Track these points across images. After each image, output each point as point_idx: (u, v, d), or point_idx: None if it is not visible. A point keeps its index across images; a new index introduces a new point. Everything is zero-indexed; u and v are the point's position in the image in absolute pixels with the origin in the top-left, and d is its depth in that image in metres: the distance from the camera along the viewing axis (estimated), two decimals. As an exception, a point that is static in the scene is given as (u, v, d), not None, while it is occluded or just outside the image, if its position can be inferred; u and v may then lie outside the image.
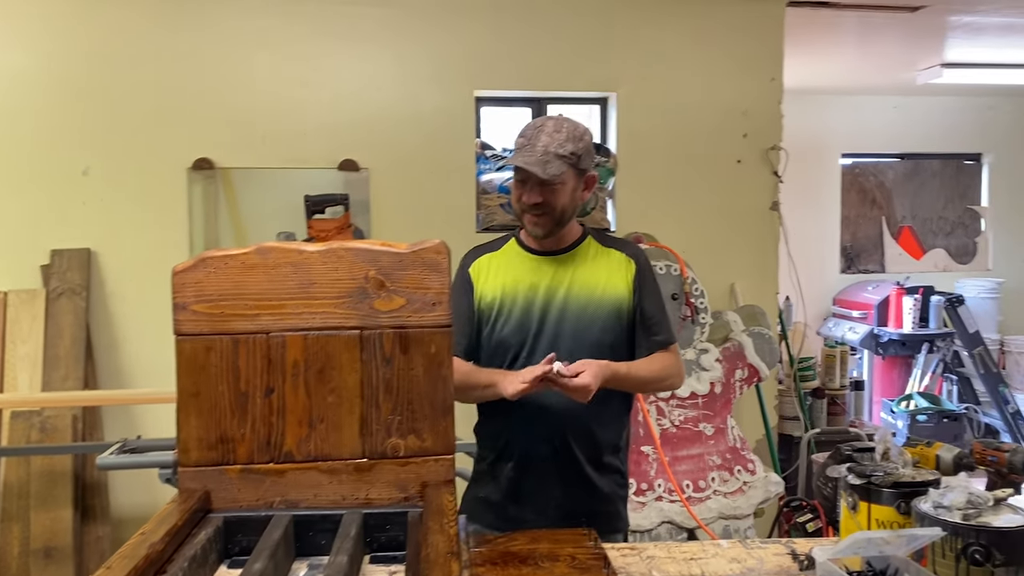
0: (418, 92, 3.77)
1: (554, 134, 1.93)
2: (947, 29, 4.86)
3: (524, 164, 1.91)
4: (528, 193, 1.96)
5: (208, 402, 1.58)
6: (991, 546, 1.24)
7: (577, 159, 1.95)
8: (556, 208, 1.96)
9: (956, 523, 1.26)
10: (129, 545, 1.26)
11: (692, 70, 3.96)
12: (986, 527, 1.25)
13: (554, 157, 1.91)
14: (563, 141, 1.93)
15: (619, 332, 2.02)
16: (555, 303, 2.01)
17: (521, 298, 2.02)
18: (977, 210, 7.26)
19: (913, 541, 1.28)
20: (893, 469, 1.45)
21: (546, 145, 1.92)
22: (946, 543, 1.27)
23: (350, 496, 1.61)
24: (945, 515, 1.29)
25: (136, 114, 3.61)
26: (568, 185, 1.96)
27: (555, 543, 1.65)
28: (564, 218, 2.00)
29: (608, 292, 2.02)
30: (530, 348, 2.00)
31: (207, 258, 1.60)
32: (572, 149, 1.93)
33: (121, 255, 3.61)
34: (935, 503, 1.32)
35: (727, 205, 3.97)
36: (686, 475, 3.39)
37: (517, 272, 2.05)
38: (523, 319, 2.00)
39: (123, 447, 3.02)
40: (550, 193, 1.95)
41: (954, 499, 1.29)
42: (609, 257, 2.06)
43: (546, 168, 1.91)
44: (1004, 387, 6.02)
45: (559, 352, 1.97)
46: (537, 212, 1.97)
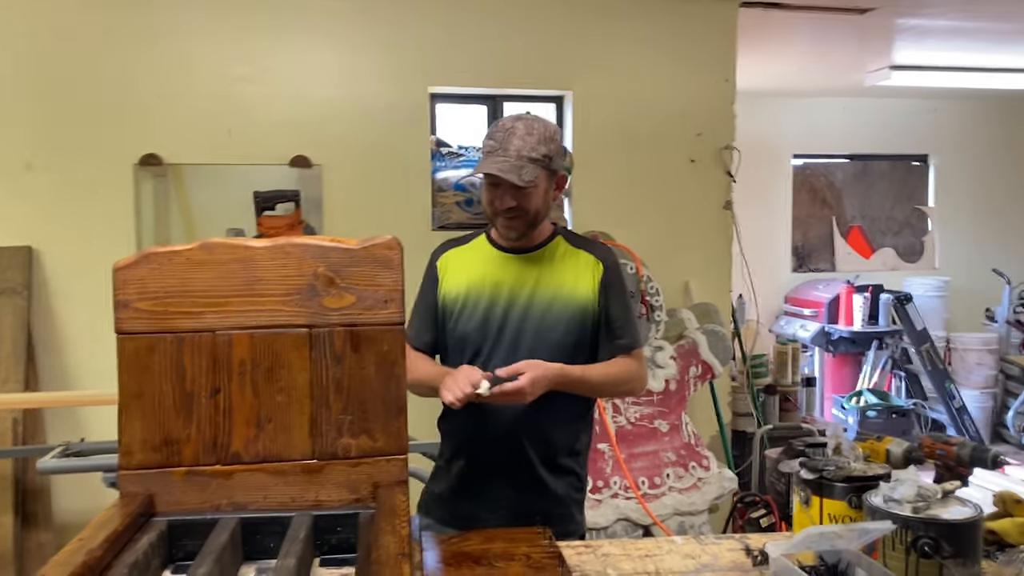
0: (372, 88, 3.73)
1: (526, 137, 1.90)
2: (895, 32, 4.96)
3: (499, 172, 1.87)
4: (501, 199, 1.92)
5: (152, 403, 1.53)
6: (940, 538, 1.25)
7: (549, 160, 1.92)
8: (530, 211, 1.94)
9: (906, 516, 1.27)
10: (65, 551, 1.22)
11: (647, 69, 3.98)
12: (935, 520, 1.27)
13: (527, 161, 1.88)
14: (535, 144, 1.90)
15: (583, 334, 2.00)
16: (519, 301, 1.98)
17: (486, 295, 2.00)
18: (924, 210, 7.42)
19: (864, 535, 1.29)
20: (845, 463, 1.46)
21: (519, 149, 1.88)
22: (896, 536, 1.28)
23: (300, 498, 1.57)
24: (895, 508, 1.30)
25: (81, 108, 3.51)
26: (541, 187, 1.93)
27: (510, 542, 1.63)
28: (538, 220, 1.98)
29: (574, 293, 1.99)
30: (492, 345, 1.98)
31: (150, 254, 1.56)
32: (544, 151, 1.90)
33: (64, 253, 3.51)
34: (886, 497, 1.33)
35: (681, 204, 3.99)
36: (641, 472, 3.40)
37: (484, 268, 2.03)
38: (486, 316, 1.98)
39: (66, 450, 2.93)
40: (523, 197, 1.92)
41: (904, 492, 1.30)
42: (577, 258, 2.04)
43: (521, 174, 1.87)
44: (950, 383, 6.16)
45: (519, 352, 1.95)
46: (510, 216, 1.94)
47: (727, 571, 1.55)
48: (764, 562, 1.57)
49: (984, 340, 6.55)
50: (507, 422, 1.95)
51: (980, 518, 1.28)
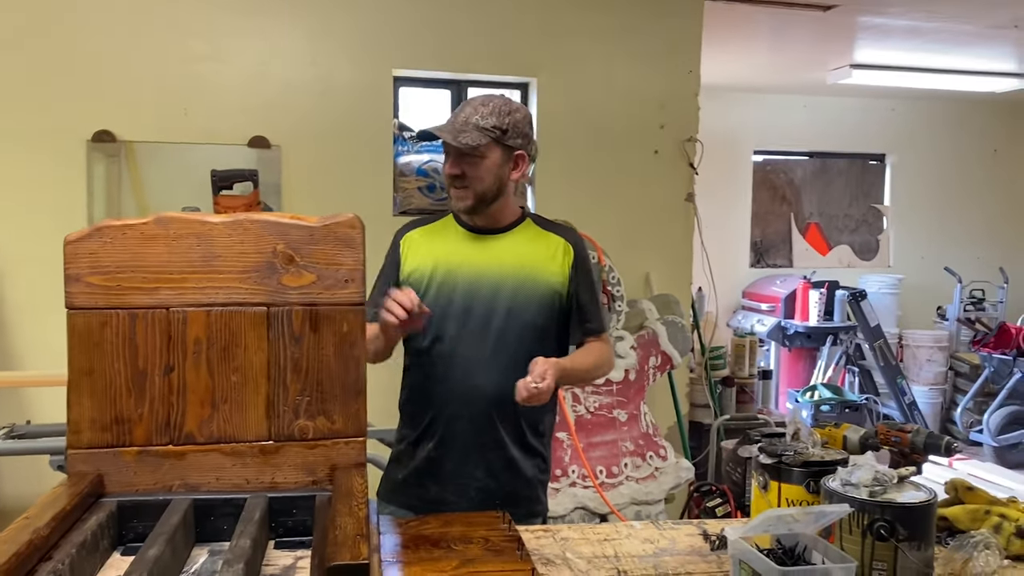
0: (333, 68, 3.67)
1: (479, 107, 1.91)
2: (857, 30, 5.03)
3: (436, 131, 1.89)
4: (449, 164, 1.93)
5: (102, 380, 1.49)
6: (895, 521, 1.26)
7: (501, 133, 1.91)
8: (477, 181, 1.93)
9: (863, 499, 1.29)
10: (11, 530, 1.18)
11: (612, 59, 3.98)
12: (891, 503, 1.28)
13: (473, 128, 1.89)
14: (486, 114, 1.90)
15: (552, 316, 2.00)
16: (488, 282, 1.97)
17: (453, 274, 1.98)
18: (880, 209, 7.55)
19: (821, 518, 1.30)
20: (803, 449, 1.47)
21: (468, 116, 1.90)
22: (852, 519, 1.29)
23: (255, 480, 1.54)
24: (852, 492, 1.31)
25: (31, 81, 3.41)
26: (490, 159, 1.92)
27: (468, 526, 1.61)
28: (488, 194, 1.96)
29: (544, 275, 1.99)
30: (459, 325, 1.96)
31: (103, 227, 1.51)
32: (495, 123, 1.90)
33: (12, 231, 3.40)
34: (843, 481, 1.34)
35: (643, 195, 4.01)
36: (599, 461, 3.41)
37: (450, 247, 2.01)
38: (452, 296, 1.96)
39: (11, 432, 2.85)
40: (469, 165, 1.91)
41: (861, 476, 1.31)
42: (548, 241, 2.03)
43: (458, 136, 1.88)
44: (901, 379, 6.29)
45: (490, 333, 1.94)
46: (459, 185, 1.94)
47: (685, 555, 1.56)
48: (722, 547, 1.58)
49: (935, 337, 6.70)
50: (479, 401, 1.94)
51: (934, 502, 1.30)
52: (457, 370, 1.95)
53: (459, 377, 1.95)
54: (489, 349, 1.95)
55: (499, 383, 1.92)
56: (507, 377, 1.93)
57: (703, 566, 1.51)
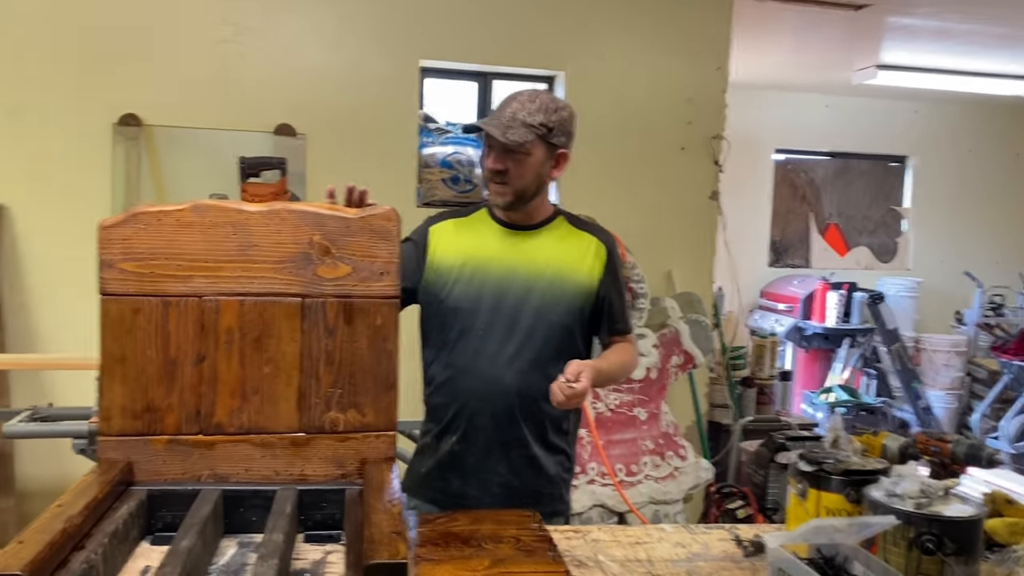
0: (361, 58, 3.64)
1: (526, 103, 1.89)
2: (885, 30, 4.96)
3: (484, 125, 1.87)
4: (492, 159, 1.91)
5: (134, 368, 1.48)
6: (943, 535, 1.24)
7: (547, 131, 1.89)
8: (518, 178, 1.91)
9: (909, 512, 1.26)
10: (44, 518, 1.16)
11: (640, 53, 3.94)
12: (939, 516, 1.25)
13: (520, 124, 1.86)
14: (534, 111, 1.88)
15: (580, 316, 1.98)
16: (519, 278, 1.95)
17: (483, 268, 1.96)
18: (900, 211, 7.48)
19: (865, 529, 1.27)
20: (844, 457, 1.44)
21: (514, 112, 1.88)
22: (898, 532, 1.26)
23: (284, 471, 1.53)
24: (898, 503, 1.28)
25: (58, 66, 3.39)
26: (534, 156, 1.90)
27: (498, 524, 1.60)
28: (528, 192, 1.94)
29: (575, 275, 1.97)
30: (488, 319, 1.94)
31: (138, 213, 1.50)
32: (542, 120, 1.88)
33: (36, 212, 3.40)
34: (888, 491, 1.31)
35: (668, 192, 3.97)
36: (619, 459, 3.39)
37: (482, 240, 1.99)
38: (482, 289, 1.94)
39: (33, 415, 2.85)
40: (513, 162, 1.89)
41: (907, 488, 1.29)
42: (580, 240, 2.01)
43: (506, 132, 1.85)
44: (917, 383, 6.23)
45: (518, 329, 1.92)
46: (500, 180, 1.92)
47: (719, 561, 1.53)
48: (756, 553, 1.56)
49: (953, 342, 6.64)
50: (502, 396, 1.92)
51: (982, 516, 1.27)
52: (482, 365, 1.93)
53: (484, 372, 1.93)
54: (516, 346, 1.93)
55: (524, 380, 1.92)
56: (532, 375, 1.92)
57: (737, 572, 1.49)
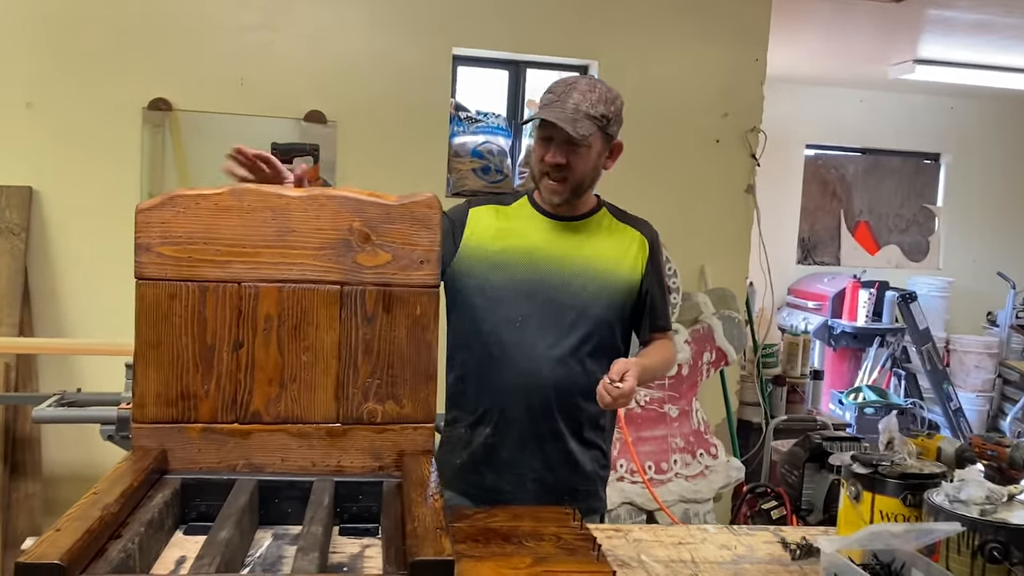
0: (393, 44, 3.60)
1: (587, 93, 1.83)
2: (923, 23, 4.86)
3: (555, 119, 1.79)
4: (552, 153, 1.84)
5: (170, 354, 1.45)
6: (1010, 543, 1.18)
7: (606, 123, 1.85)
8: (578, 173, 1.86)
9: (974, 519, 1.21)
10: (80, 505, 1.14)
11: (676, 44, 3.87)
12: (1006, 524, 1.20)
13: (584, 116, 1.81)
14: (595, 102, 1.82)
15: (621, 311, 1.95)
16: (560, 270, 1.91)
17: (523, 257, 1.91)
18: (932, 209, 7.36)
19: (926, 535, 1.22)
20: (900, 460, 1.39)
21: (577, 103, 1.81)
22: (962, 539, 1.21)
23: (320, 463, 1.50)
24: (962, 510, 1.23)
25: (88, 48, 3.39)
26: (594, 149, 1.86)
27: (537, 521, 1.56)
28: (584, 186, 1.90)
29: (618, 270, 1.93)
30: (525, 311, 1.89)
31: (176, 196, 1.47)
32: (603, 111, 1.83)
33: (66, 196, 3.39)
34: (950, 497, 1.26)
35: (702, 185, 3.90)
36: (649, 456, 3.34)
37: (523, 230, 1.94)
38: (521, 279, 1.90)
39: (61, 400, 2.84)
40: (575, 155, 1.84)
41: (972, 494, 1.23)
42: (623, 234, 1.97)
43: (576, 126, 1.79)
44: (948, 384, 6.13)
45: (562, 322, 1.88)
46: (558, 176, 1.86)
47: (766, 564, 1.49)
48: (804, 556, 1.51)
49: (985, 343, 6.53)
50: (538, 390, 1.88)
51: (1051, 525, 1.21)
52: (519, 357, 1.89)
53: (520, 365, 1.89)
54: (554, 339, 1.89)
55: (561, 374, 1.88)
56: (570, 369, 1.88)
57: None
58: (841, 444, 2.26)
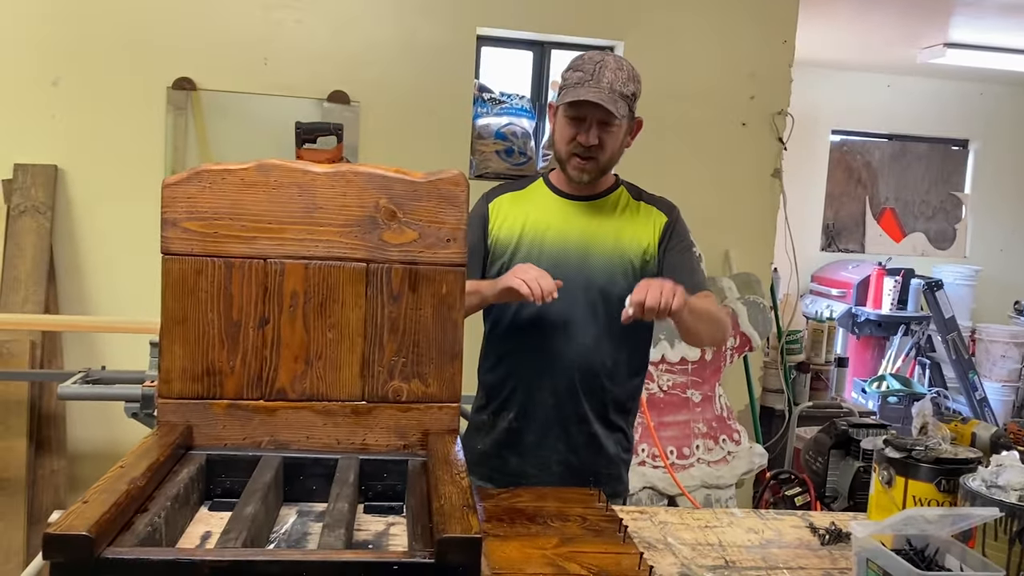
0: (417, 25, 3.58)
1: (617, 72, 1.80)
2: (954, 5, 4.76)
3: (599, 100, 1.76)
4: (586, 134, 1.81)
5: (195, 330, 1.45)
6: (1049, 531, 1.15)
7: (634, 101, 1.85)
8: (607, 152, 1.85)
9: (1013, 504, 1.18)
10: (107, 478, 1.14)
11: (703, 25, 3.81)
12: (1045, 511, 1.17)
13: (619, 96, 1.79)
14: (626, 80, 1.80)
15: None
16: (580, 251, 1.89)
17: (542, 239, 1.90)
18: (959, 197, 7.25)
19: (962, 521, 1.20)
20: (935, 444, 1.36)
21: (611, 82, 1.78)
22: (999, 524, 1.18)
23: (345, 440, 1.49)
24: (1000, 495, 1.20)
25: (113, 26, 3.38)
26: (623, 128, 1.85)
27: (562, 502, 1.55)
28: (610, 165, 1.90)
29: (635, 246, 1.90)
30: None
31: (202, 171, 1.46)
32: (633, 90, 1.83)
33: (91, 174, 3.41)
34: (988, 482, 1.23)
35: (727, 169, 3.85)
36: (671, 441, 3.32)
37: (541, 213, 1.93)
38: (540, 262, 1.87)
39: (86, 377, 2.86)
40: (607, 135, 1.82)
41: (1010, 479, 1.20)
42: (640, 212, 1.95)
43: (617, 107, 1.78)
44: (973, 374, 6.06)
45: (579, 304, 1.87)
46: (587, 155, 1.84)
47: (794, 548, 1.47)
48: (833, 541, 1.49)
49: (1012, 333, 6.44)
50: (564, 373, 1.87)
51: (1092, 512, 1.19)
52: (542, 340, 1.88)
53: (544, 347, 1.88)
54: (577, 320, 1.88)
55: (585, 356, 1.87)
56: (594, 350, 1.87)
57: (815, 560, 1.42)
58: (868, 431, 2.23)
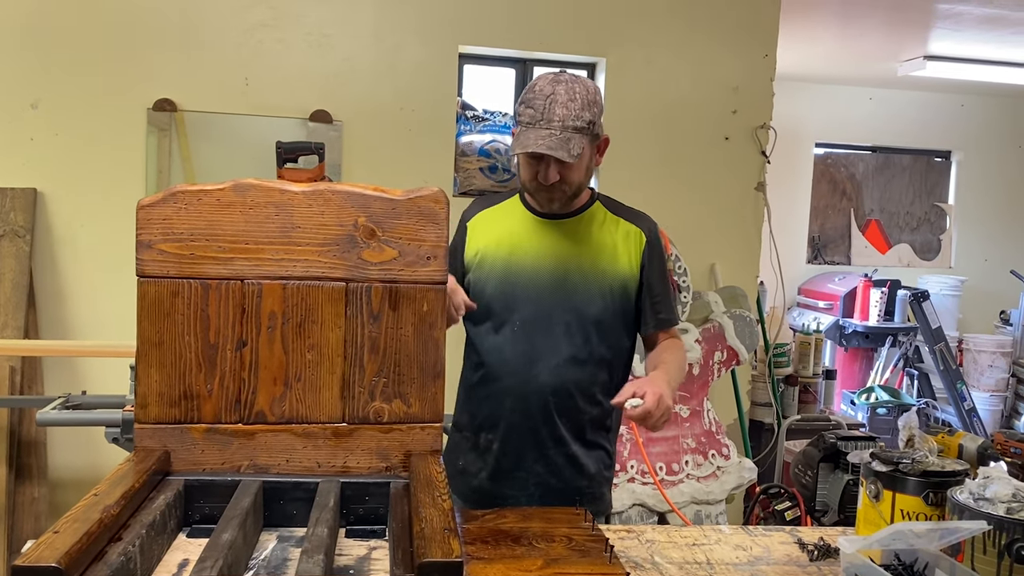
0: (399, 43, 3.57)
1: (569, 104, 1.72)
2: (934, 19, 4.81)
3: (548, 151, 1.70)
4: (545, 174, 1.77)
5: (172, 353, 1.43)
6: (1038, 543, 1.14)
7: (593, 127, 1.77)
8: (574, 184, 1.81)
9: (1001, 517, 1.16)
10: (80, 507, 1.11)
11: (685, 40, 3.83)
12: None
13: (573, 132, 1.72)
14: (579, 111, 1.73)
15: (622, 309, 1.88)
16: (553, 271, 1.85)
17: (516, 260, 1.86)
18: (943, 207, 7.30)
19: (950, 534, 1.18)
20: (922, 457, 1.35)
21: (563, 119, 1.71)
22: (988, 538, 1.17)
23: (326, 463, 1.47)
24: (987, 508, 1.19)
25: (92, 48, 3.36)
26: (585, 156, 1.78)
27: (548, 522, 1.52)
28: (580, 190, 1.85)
29: (613, 265, 1.87)
30: (522, 315, 1.85)
31: (177, 192, 1.44)
32: (589, 118, 1.74)
33: (71, 197, 3.38)
34: (975, 495, 1.22)
35: (712, 183, 3.86)
36: (659, 457, 3.30)
37: (515, 231, 1.89)
38: (515, 283, 1.85)
39: (66, 402, 2.82)
40: (568, 170, 1.77)
41: (998, 491, 1.19)
42: (618, 227, 1.90)
43: (570, 149, 1.71)
44: (961, 384, 6.07)
45: (554, 325, 1.84)
46: (552, 190, 1.80)
47: (783, 565, 1.45)
48: (821, 557, 1.47)
49: (998, 342, 6.46)
50: (539, 394, 1.84)
51: (1081, 523, 1.17)
52: (516, 362, 1.85)
53: (518, 370, 1.84)
54: (551, 342, 1.84)
55: (559, 378, 1.83)
56: (568, 372, 1.84)
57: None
58: (856, 443, 2.22)
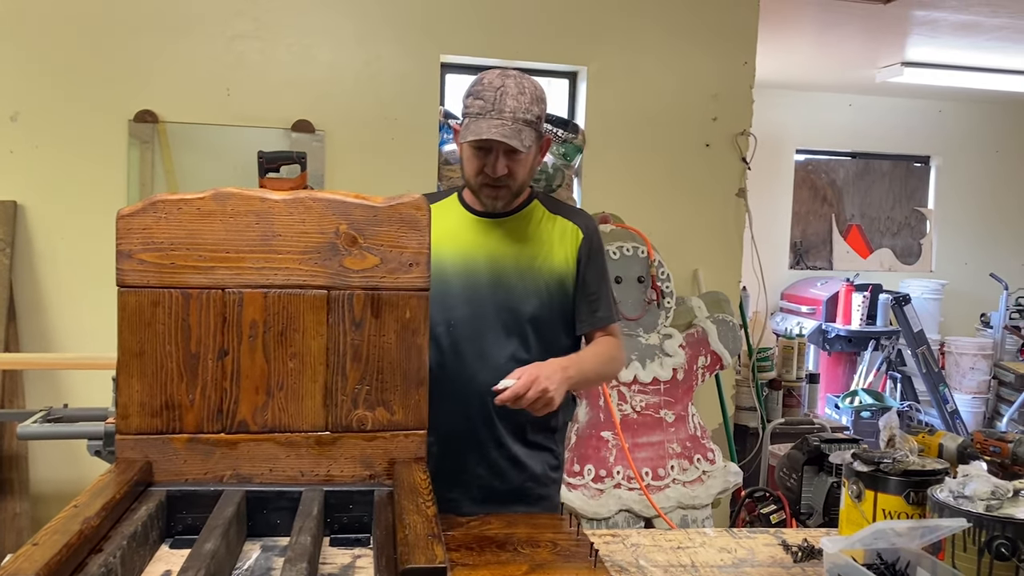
0: (381, 53, 3.58)
1: (519, 97, 1.74)
2: (910, 25, 4.87)
3: (501, 137, 1.71)
4: (494, 166, 1.77)
5: (153, 363, 1.42)
6: (1017, 539, 1.15)
7: (540, 123, 1.78)
8: (519, 179, 1.80)
9: (980, 514, 1.18)
10: (60, 519, 1.10)
11: (665, 48, 3.85)
12: (1013, 519, 1.17)
13: (524, 124, 1.74)
14: (528, 104, 1.75)
15: (561, 308, 1.87)
16: (489, 270, 1.84)
17: (452, 260, 1.85)
18: (923, 212, 7.37)
19: (931, 533, 1.19)
20: (902, 457, 1.36)
21: (514, 110, 1.73)
22: (968, 535, 1.18)
23: (309, 472, 1.46)
24: (967, 505, 1.20)
25: (72, 60, 3.35)
26: (531, 152, 1.80)
27: (533, 528, 1.53)
28: (523, 188, 1.85)
29: (549, 262, 1.85)
30: (458, 316, 1.84)
31: (157, 202, 1.44)
32: (537, 112, 1.77)
33: (51, 210, 3.35)
34: (955, 493, 1.23)
35: (693, 189, 3.88)
36: (645, 462, 3.30)
37: (451, 230, 1.87)
38: (451, 284, 1.83)
39: (48, 416, 2.79)
40: (516, 163, 1.77)
41: (976, 489, 1.20)
42: (554, 224, 1.89)
43: (522, 139, 1.73)
44: (944, 386, 6.12)
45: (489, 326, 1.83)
46: (499, 184, 1.80)
47: (767, 567, 1.46)
48: (805, 558, 1.48)
49: (979, 345, 6.53)
50: (476, 397, 1.81)
51: (1059, 520, 1.18)
52: (454, 364, 1.83)
53: (455, 372, 1.82)
54: (488, 343, 1.82)
55: (498, 377, 1.75)
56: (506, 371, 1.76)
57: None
58: (839, 445, 2.23)
